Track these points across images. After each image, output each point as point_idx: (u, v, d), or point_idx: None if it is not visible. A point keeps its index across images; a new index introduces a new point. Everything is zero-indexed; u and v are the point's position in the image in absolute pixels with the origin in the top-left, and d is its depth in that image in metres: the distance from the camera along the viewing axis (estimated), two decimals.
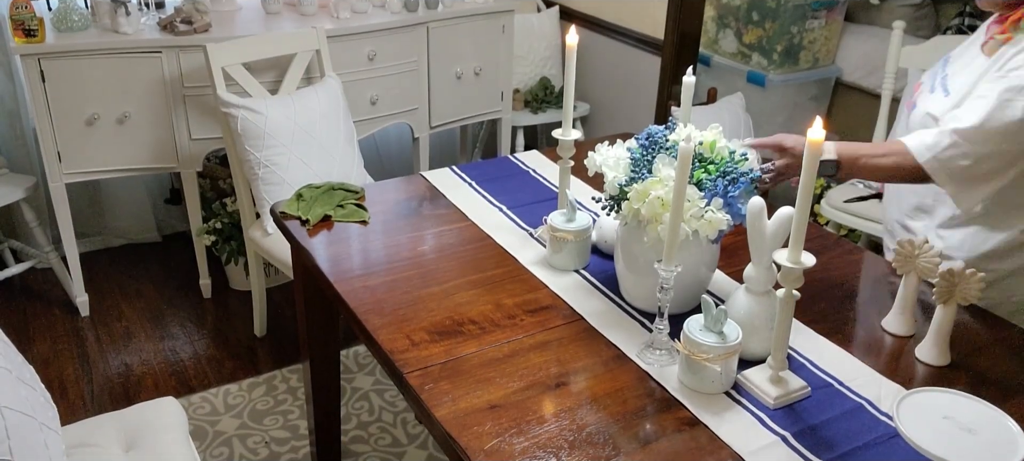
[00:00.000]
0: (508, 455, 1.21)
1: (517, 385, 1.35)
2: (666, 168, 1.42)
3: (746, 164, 1.45)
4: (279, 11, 3.07)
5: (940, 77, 1.70)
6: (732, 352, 1.32)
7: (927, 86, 1.73)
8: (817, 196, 3.26)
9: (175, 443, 1.68)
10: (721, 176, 1.42)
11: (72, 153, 2.70)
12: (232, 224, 2.97)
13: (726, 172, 1.42)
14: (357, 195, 1.99)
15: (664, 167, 1.42)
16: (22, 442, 1.25)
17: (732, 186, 1.41)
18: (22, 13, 2.51)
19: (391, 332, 1.47)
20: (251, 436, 2.45)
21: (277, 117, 2.51)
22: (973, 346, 1.51)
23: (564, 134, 1.69)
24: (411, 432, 2.49)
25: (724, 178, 1.41)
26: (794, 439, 1.26)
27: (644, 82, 3.58)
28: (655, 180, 1.41)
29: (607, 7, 3.71)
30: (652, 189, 1.40)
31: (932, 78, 1.73)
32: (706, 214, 1.39)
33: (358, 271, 1.68)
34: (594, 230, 1.75)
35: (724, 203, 1.41)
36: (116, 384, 2.66)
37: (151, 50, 2.67)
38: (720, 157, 1.46)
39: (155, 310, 3.06)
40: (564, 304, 1.58)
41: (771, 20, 3.80)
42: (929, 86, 1.72)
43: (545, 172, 2.16)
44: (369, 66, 3.02)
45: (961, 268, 1.41)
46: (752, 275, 1.38)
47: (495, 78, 3.43)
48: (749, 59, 3.96)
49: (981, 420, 1.30)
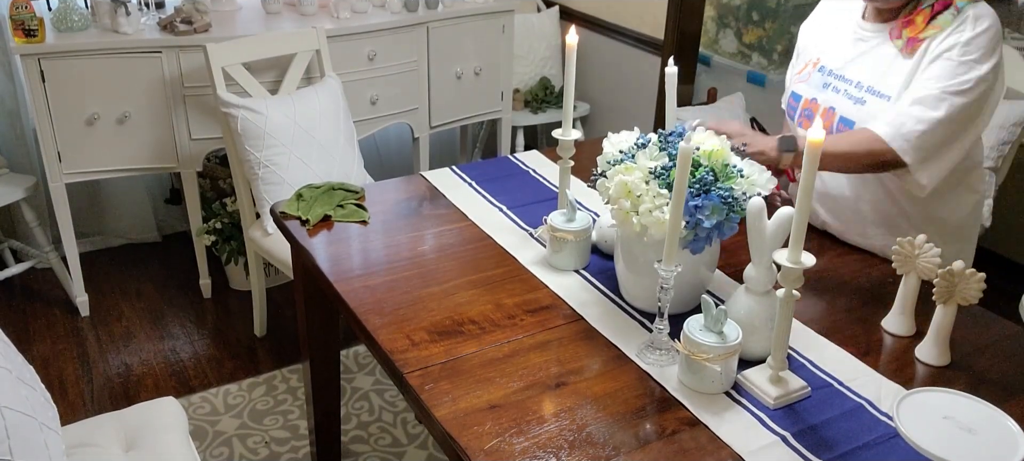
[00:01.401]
0: (508, 455, 1.21)
1: (517, 385, 1.35)
2: (644, 159, 1.42)
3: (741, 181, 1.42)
4: (279, 11, 3.07)
5: (850, 88, 1.78)
6: (732, 352, 1.32)
7: (835, 101, 1.80)
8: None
9: (175, 443, 1.68)
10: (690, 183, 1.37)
11: (72, 153, 2.70)
12: (232, 224, 2.97)
13: (700, 180, 1.38)
14: (357, 195, 1.99)
15: (643, 158, 1.42)
16: (22, 442, 1.25)
17: (702, 196, 1.36)
18: (22, 13, 2.51)
19: (391, 332, 1.47)
20: (251, 436, 2.45)
21: (277, 117, 2.51)
22: (973, 346, 1.51)
23: (564, 134, 1.69)
24: (411, 432, 2.49)
25: (693, 186, 1.37)
26: (794, 439, 1.26)
27: (644, 82, 3.58)
28: (630, 165, 1.42)
29: (607, 7, 3.71)
30: (625, 172, 1.40)
31: (838, 92, 1.80)
32: (655, 212, 1.37)
33: (358, 271, 1.68)
34: (594, 230, 1.75)
35: (686, 211, 1.35)
36: (116, 384, 2.66)
37: (151, 50, 2.67)
38: (711, 167, 1.43)
39: (155, 310, 3.06)
40: (564, 304, 1.58)
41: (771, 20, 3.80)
42: (843, 100, 1.78)
43: (545, 172, 2.16)
44: (369, 66, 3.02)
45: (961, 268, 1.41)
46: (752, 275, 1.38)
47: (495, 78, 3.43)
48: (749, 59, 3.96)
49: (981, 420, 1.30)
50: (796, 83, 1.92)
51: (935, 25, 1.65)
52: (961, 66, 1.61)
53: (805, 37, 1.97)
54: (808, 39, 1.95)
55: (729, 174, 1.42)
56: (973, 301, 1.42)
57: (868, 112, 1.72)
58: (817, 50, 1.89)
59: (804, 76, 1.90)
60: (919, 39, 1.67)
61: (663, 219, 1.36)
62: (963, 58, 1.61)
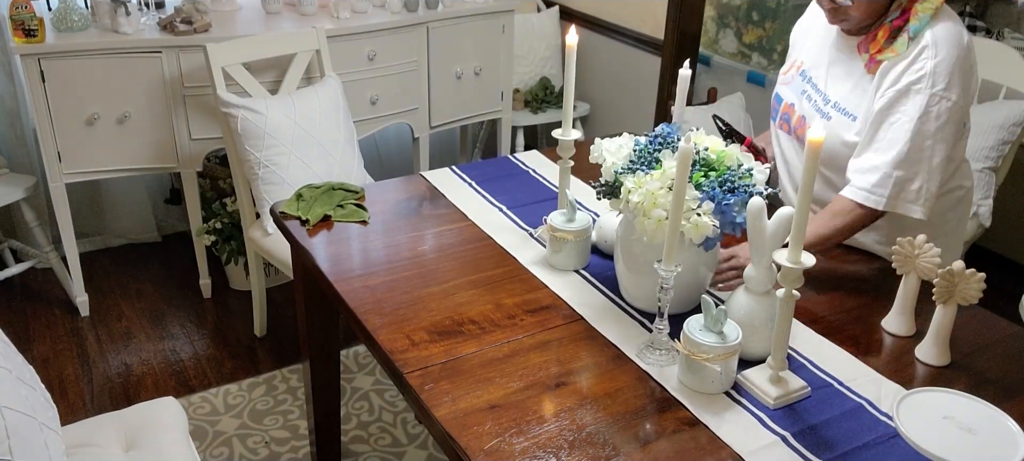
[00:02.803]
0: (508, 455, 1.21)
1: (517, 385, 1.35)
2: (669, 160, 1.42)
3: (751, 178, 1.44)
4: (279, 11, 3.07)
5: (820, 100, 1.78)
6: (732, 352, 1.32)
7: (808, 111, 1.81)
8: None
9: (175, 443, 1.68)
10: (719, 183, 1.41)
11: (72, 153, 2.70)
12: (232, 224, 2.97)
13: (725, 180, 1.42)
14: (357, 195, 1.99)
15: (668, 159, 1.42)
16: (22, 442, 1.25)
17: (730, 195, 1.40)
18: (22, 13, 2.51)
19: (391, 332, 1.47)
20: (251, 436, 2.45)
21: (277, 117, 2.51)
22: (973, 346, 1.51)
23: (564, 134, 1.69)
24: (411, 432, 2.49)
25: (722, 186, 1.41)
26: (794, 439, 1.26)
27: (644, 82, 3.58)
28: (657, 171, 1.42)
29: (607, 7, 3.71)
30: (649, 182, 1.40)
31: (810, 102, 1.81)
32: (693, 217, 1.38)
33: (358, 271, 1.68)
34: (594, 230, 1.75)
35: (717, 210, 1.39)
36: (116, 384, 2.66)
37: (151, 50, 2.67)
38: (724, 167, 1.45)
39: (155, 310, 3.06)
40: (564, 304, 1.58)
41: (771, 20, 3.80)
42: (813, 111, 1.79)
43: (545, 172, 2.16)
44: (369, 66, 3.02)
45: (961, 268, 1.41)
46: (752, 275, 1.38)
47: (495, 78, 3.43)
48: (749, 59, 3.96)
49: (981, 420, 1.30)
50: (781, 83, 1.93)
51: (892, 48, 1.62)
52: (931, 98, 1.57)
53: (795, 36, 1.97)
54: (796, 38, 1.96)
55: (742, 174, 1.43)
56: (973, 301, 1.42)
57: (831, 128, 1.72)
58: (803, 53, 1.89)
59: (788, 79, 1.90)
60: (877, 60, 1.65)
61: (699, 222, 1.37)
62: (933, 89, 1.57)
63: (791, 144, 1.90)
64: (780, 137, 1.93)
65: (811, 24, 1.90)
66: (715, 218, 1.38)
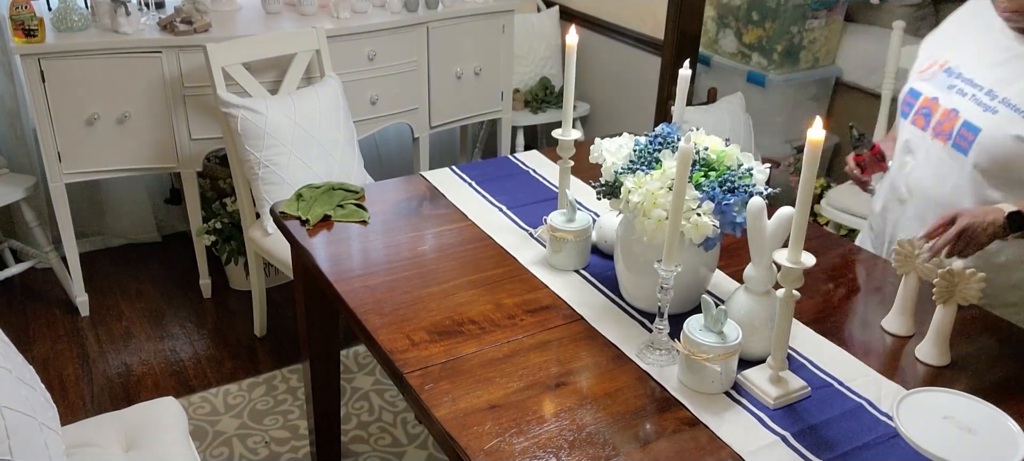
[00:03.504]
0: (508, 455, 1.21)
1: (517, 385, 1.35)
2: (669, 160, 1.42)
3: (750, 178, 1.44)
4: (279, 11, 3.07)
5: (979, 93, 1.66)
6: (732, 352, 1.32)
7: (961, 104, 1.68)
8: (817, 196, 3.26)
9: (175, 443, 1.68)
10: (719, 183, 1.41)
11: (72, 153, 2.70)
12: (232, 224, 2.97)
13: (725, 180, 1.42)
14: (357, 195, 1.99)
15: (668, 159, 1.42)
16: (22, 442, 1.25)
17: (730, 195, 1.39)
18: (22, 13, 2.51)
19: (391, 332, 1.47)
20: (251, 436, 2.45)
21: (277, 117, 2.51)
22: (973, 346, 1.51)
23: (564, 134, 1.69)
24: (411, 432, 2.49)
25: (722, 186, 1.40)
26: (794, 439, 1.26)
27: (644, 82, 3.58)
28: (657, 171, 1.42)
29: (607, 7, 3.71)
30: (649, 182, 1.40)
31: (964, 96, 1.68)
32: (693, 217, 1.38)
33: (358, 271, 1.68)
34: (594, 230, 1.75)
35: (717, 210, 1.39)
36: (116, 384, 2.66)
37: (151, 50, 2.67)
38: (724, 167, 1.45)
39: (155, 310, 3.06)
40: (564, 304, 1.58)
41: (771, 20, 3.80)
42: (970, 104, 1.66)
43: (545, 172, 2.16)
44: (369, 66, 3.02)
45: (961, 268, 1.41)
46: (752, 275, 1.38)
47: (495, 78, 3.43)
48: (749, 59, 3.96)
49: (981, 420, 1.30)
50: (917, 80, 1.80)
51: None
52: None
53: (931, 44, 1.85)
54: (934, 45, 1.84)
55: (742, 174, 1.43)
56: (973, 301, 1.42)
57: (997, 123, 1.61)
58: (948, 53, 1.77)
59: (927, 75, 1.78)
60: None
61: (699, 222, 1.37)
62: None
63: (922, 140, 1.76)
64: (912, 134, 1.79)
65: (950, 32, 1.80)
66: (715, 218, 1.39)
